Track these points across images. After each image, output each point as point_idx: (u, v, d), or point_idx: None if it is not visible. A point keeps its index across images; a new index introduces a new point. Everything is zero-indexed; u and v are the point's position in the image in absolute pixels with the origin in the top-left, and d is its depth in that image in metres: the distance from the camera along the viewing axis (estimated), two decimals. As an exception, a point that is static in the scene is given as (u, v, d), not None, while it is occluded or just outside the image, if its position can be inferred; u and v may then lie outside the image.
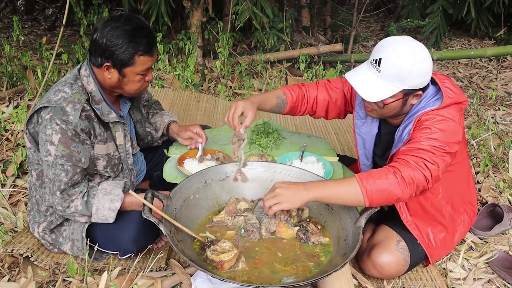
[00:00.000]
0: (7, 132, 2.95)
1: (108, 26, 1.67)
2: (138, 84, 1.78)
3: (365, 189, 1.49)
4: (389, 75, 1.56)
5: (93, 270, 1.84)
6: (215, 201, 1.81)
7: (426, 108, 1.64)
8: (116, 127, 1.84)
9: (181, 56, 4.65)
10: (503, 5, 4.97)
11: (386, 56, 1.56)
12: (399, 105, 1.65)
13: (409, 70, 1.54)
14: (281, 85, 4.16)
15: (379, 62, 1.57)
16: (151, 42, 1.72)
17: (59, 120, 1.65)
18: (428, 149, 1.54)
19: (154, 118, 2.22)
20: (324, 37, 5.30)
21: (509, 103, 4.18)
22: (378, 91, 1.59)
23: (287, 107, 1.94)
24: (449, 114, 1.60)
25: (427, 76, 1.60)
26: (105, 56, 1.68)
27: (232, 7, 4.40)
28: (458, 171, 1.85)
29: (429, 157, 1.53)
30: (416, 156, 1.53)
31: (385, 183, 1.49)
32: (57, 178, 1.68)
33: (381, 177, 1.50)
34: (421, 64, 1.55)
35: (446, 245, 1.92)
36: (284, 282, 1.46)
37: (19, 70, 3.91)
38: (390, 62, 1.55)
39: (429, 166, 1.52)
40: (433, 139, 1.55)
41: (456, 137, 1.60)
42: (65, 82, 1.75)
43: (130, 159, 1.94)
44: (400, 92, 1.59)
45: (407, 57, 1.53)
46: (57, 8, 6.45)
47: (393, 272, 1.82)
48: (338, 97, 1.97)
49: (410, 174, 1.50)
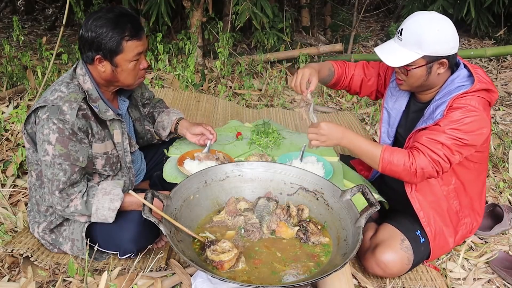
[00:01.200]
0: (7, 132, 2.95)
1: (90, 19, 1.67)
2: (133, 73, 1.77)
3: (382, 160, 1.72)
4: (409, 42, 1.69)
5: (93, 270, 1.84)
6: (215, 201, 1.81)
7: (459, 90, 1.70)
8: (114, 125, 1.84)
9: (181, 56, 4.65)
10: (503, 5, 4.97)
11: (407, 26, 1.71)
12: (423, 73, 1.73)
13: (427, 36, 1.65)
14: (281, 85, 4.17)
15: (401, 32, 1.72)
16: (137, 26, 1.71)
17: (56, 120, 1.65)
18: (448, 144, 1.65)
19: (161, 116, 2.20)
20: (324, 37, 5.30)
21: (509, 103, 4.18)
22: (400, 57, 1.71)
23: (334, 78, 2.11)
24: (479, 104, 1.67)
25: (447, 44, 1.68)
26: (94, 48, 1.68)
27: (232, 7, 4.40)
28: (474, 174, 1.88)
29: (446, 154, 1.66)
30: (434, 152, 1.66)
31: (399, 168, 1.70)
32: (56, 178, 1.68)
33: (399, 161, 1.70)
34: (440, 31, 1.66)
35: (444, 240, 1.91)
36: (284, 282, 1.46)
37: (19, 70, 3.91)
38: (410, 30, 1.70)
39: (442, 164, 1.67)
40: (456, 130, 1.65)
41: (481, 129, 1.68)
42: (61, 82, 1.75)
43: (128, 157, 1.94)
44: (422, 59, 1.69)
45: (424, 24, 1.67)
46: (57, 8, 6.45)
47: (396, 271, 1.82)
48: (372, 76, 2.12)
49: (424, 167, 1.67)
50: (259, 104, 3.86)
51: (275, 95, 4.05)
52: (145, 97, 2.20)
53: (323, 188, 1.78)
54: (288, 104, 3.90)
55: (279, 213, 1.71)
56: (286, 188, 1.85)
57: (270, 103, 3.91)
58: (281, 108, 3.78)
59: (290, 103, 3.97)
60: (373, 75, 2.11)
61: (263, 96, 4.04)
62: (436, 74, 1.74)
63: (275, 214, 1.71)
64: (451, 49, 1.70)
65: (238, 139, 2.35)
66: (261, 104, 3.87)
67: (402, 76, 1.80)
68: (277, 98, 4.00)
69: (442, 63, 1.72)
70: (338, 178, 2.01)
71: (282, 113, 3.66)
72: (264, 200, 1.78)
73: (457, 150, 1.66)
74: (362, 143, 1.76)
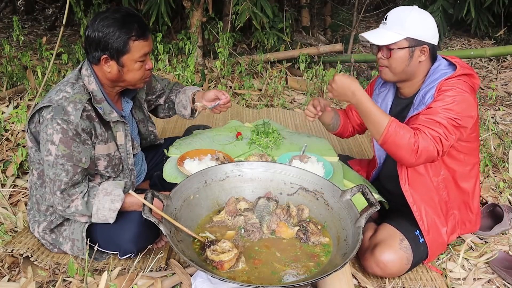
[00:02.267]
0: (7, 132, 2.95)
1: (97, 19, 1.68)
2: (139, 73, 1.77)
3: (387, 131, 1.69)
4: (392, 24, 1.79)
5: (93, 270, 1.84)
6: (215, 201, 1.81)
7: (444, 75, 1.76)
8: (117, 126, 1.84)
9: (181, 56, 4.65)
10: (503, 5, 4.97)
11: (391, 12, 1.83)
12: (406, 56, 1.78)
13: (410, 18, 1.76)
14: (281, 85, 4.17)
15: (386, 18, 1.83)
16: (143, 26, 1.71)
17: (60, 120, 1.65)
18: (444, 123, 1.67)
19: (179, 97, 2.20)
20: (324, 37, 5.30)
21: (509, 103, 4.19)
22: (384, 37, 1.80)
23: (340, 125, 2.20)
24: (466, 88, 1.72)
25: (430, 30, 1.78)
26: (100, 48, 1.68)
27: (232, 7, 4.40)
28: (465, 167, 1.89)
29: (444, 132, 1.68)
30: (433, 130, 1.68)
31: (403, 141, 1.67)
32: (58, 178, 1.68)
33: (404, 135, 1.67)
34: (421, 16, 1.78)
35: (438, 232, 1.90)
36: (284, 282, 1.46)
37: (19, 70, 3.91)
38: (394, 14, 1.81)
39: (443, 141, 1.68)
40: (449, 110, 1.68)
41: (470, 111, 1.71)
42: (66, 82, 1.75)
43: (131, 159, 1.94)
44: (405, 40, 1.76)
45: (406, 9, 1.80)
46: (57, 8, 6.45)
47: (395, 271, 1.82)
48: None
49: (425, 146, 1.66)
50: (259, 104, 3.86)
51: (275, 95, 4.05)
52: (158, 89, 2.19)
53: (323, 188, 1.78)
54: (288, 104, 3.90)
55: (279, 213, 1.71)
56: (286, 188, 1.85)
57: (270, 103, 3.91)
58: (281, 108, 3.78)
59: (290, 103, 3.98)
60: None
61: (263, 96, 4.04)
62: (417, 62, 1.80)
63: (275, 214, 1.71)
64: (432, 38, 1.79)
65: (238, 139, 2.35)
66: (261, 104, 3.87)
67: (384, 62, 1.84)
68: (277, 98, 4.00)
69: (423, 50, 1.78)
70: (338, 178, 2.01)
71: (282, 113, 3.67)
72: (264, 200, 1.78)
73: (453, 130, 1.69)
74: (372, 107, 1.74)
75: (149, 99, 2.19)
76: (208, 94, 2.13)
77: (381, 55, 1.85)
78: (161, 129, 3.29)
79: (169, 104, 2.24)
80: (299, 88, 4.24)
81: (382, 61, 1.86)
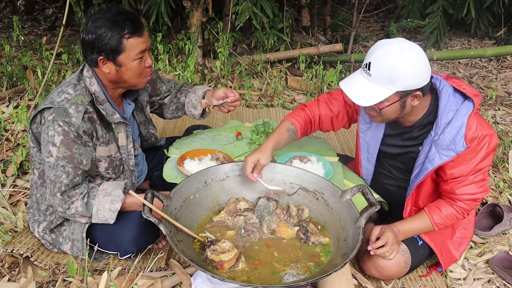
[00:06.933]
0: (7, 132, 2.95)
1: (89, 21, 1.67)
2: (138, 72, 1.74)
3: (436, 226, 1.79)
4: (379, 78, 1.55)
5: (93, 270, 1.84)
6: (215, 201, 1.81)
7: (450, 105, 1.64)
8: (119, 128, 1.84)
9: (181, 56, 4.65)
10: (503, 5, 4.96)
11: (375, 59, 1.55)
12: (397, 108, 1.62)
13: (398, 72, 1.52)
14: (281, 85, 4.16)
15: (369, 66, 1.57)
16: (136, 23, 1.68)
17: (61, 122, 1.64)
18: (479, 191, 1.70)
19: (188, 97, 2.18)
20: (324, 37, 5.29)
21: (509, 103, 4.19)
22: (370, 95, 1.57)
23: (299, 134, 1.95)
24: (486, 124, 1.65)
25: (421, 76, 1.55)
26: (96, 50, 1.67)
27: (232, 7, 4.40)
28: None
29: (474, 205, 1.76)
30: (474, 201, 1.74)
31: (454, 221, 1.79)
32: (58, 180, 1.68)
33: (451, 218, 1.77)
34: (411, 65, 1.52)
35: (448, 251, 1.89)
36: (284, 282, 1.47)
37: (19, 70, 3.91)
38: (379, 65, 1.54)
39: (482, 195, 1.73)
40: (480, 170, 1.68)
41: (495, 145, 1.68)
42: (68, 83, 1.74)
43: (132, 161, 1.94)
44: (395, 95, 1.57)
45: (394, 59, 1.52)
46: (57, 8, 6.45)
47: (393, 274, 1.82)
48: (339, 109, 1.98)
49: (471, 208, 1.77)
50: (259, 104, 3.86)
51: (275, 95, 4.05)
52: (163, 91, 2.18)
53: (323, 188, 1.78)
54: (288, 104, 3.90)
55: (279, 213, 1.71)
56: (286, 188, 1.85)
57: (270, 103, 3.91)
58: (281, 108, 3.78)
59: (290, 103, 3.97)
60: (340, 107, 1.97)
61: (263, 96, 4.04)
62: (410, 107, 1.64)
63: (275, 214, 1.71)
64: (425, 80, 1.58)
65: (238, 139, 2.35)
66: (261, 104, 3.87)
67: (374, 113, 1.69)
68: (277, 98, 4.00)
69: (416, 96, 1.60)
70: (338, 178, 2.01)
71: (282, 113, 3.66)
72: (264, 200, 1.78)
73: (484, 186, 1.72)
74: (412, 227, 1.79)
75: (153, 100, 2.18)
76: (217, 92, 2.11)
77: (368, 110, 1.70)
78: (161, 129, 3.28)
79: (178, 104, 2.22)
80: (299, 88, 4.24)
81: (371, 113, 1.71)
